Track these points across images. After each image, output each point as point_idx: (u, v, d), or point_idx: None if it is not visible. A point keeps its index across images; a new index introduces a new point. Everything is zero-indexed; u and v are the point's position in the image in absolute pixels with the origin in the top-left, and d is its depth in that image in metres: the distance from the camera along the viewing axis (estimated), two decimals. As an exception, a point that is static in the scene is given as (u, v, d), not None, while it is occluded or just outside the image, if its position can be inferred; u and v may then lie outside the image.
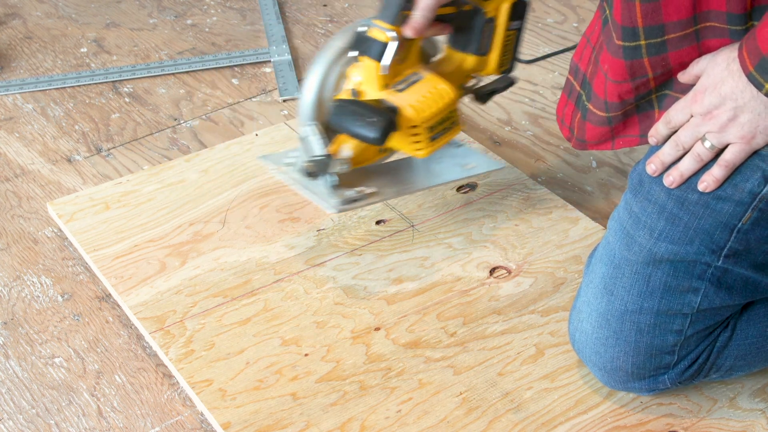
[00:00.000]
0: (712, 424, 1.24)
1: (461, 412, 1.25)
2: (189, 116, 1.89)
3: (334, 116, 1.30)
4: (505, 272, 1.46)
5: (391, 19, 1.29)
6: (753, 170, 1.11)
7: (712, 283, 1.16)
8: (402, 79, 1.34)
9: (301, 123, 1.35)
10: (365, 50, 1.30)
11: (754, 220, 1.13)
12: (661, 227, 1.16)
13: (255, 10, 2.25)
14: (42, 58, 2.08)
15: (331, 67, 1.34)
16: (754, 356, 1.23)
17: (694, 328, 1.18)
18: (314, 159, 1.32)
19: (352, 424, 1.24)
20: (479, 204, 1.59)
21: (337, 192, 1.35)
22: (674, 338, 1.19)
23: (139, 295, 1.43)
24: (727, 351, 1.22)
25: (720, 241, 1.14)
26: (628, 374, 1.22)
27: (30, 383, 1.34)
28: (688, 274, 1.16)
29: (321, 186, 1.35)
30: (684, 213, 1.15)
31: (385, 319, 1.38)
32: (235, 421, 1.24)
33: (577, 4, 2.24)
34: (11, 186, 1.71)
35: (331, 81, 1.35)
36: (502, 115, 1.87)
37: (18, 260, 1.55)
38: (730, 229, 1.14)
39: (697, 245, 1.15)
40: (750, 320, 1.22)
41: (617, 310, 1.20)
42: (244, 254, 1.50)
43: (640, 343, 1.19)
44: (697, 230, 1.14)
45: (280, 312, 1.40)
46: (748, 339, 1.22)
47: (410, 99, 1.32)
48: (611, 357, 1.21)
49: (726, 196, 1.13)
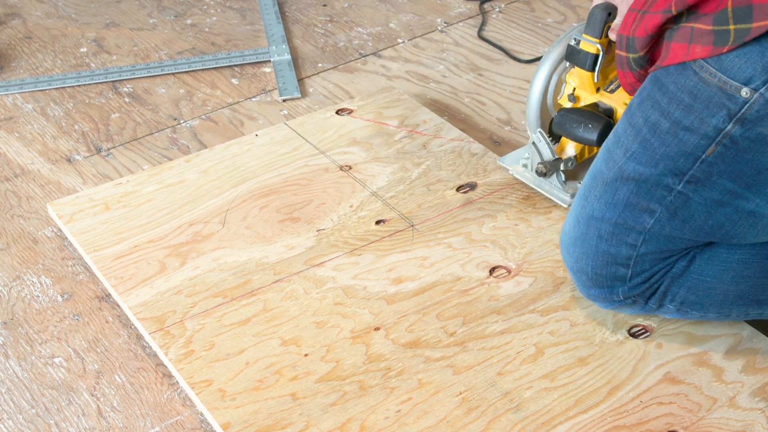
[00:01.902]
0: (712, 423, 1.24)
1: (461, 412, 1.25)
2: (189, 116, 1.89)
3: (558, 124, 1.55)
4: (505, 272, 1.46)
5: (597, 33, 1.48)
6: (719, 107, 1.17)
7: (668, 209, 1.24)
8: (611, 80, 1.55)
9: (530, 129, 1.60)
10: (578, 62, 1.52)
11: (718, 154, 1.20)
12: (634, 149, 1.25)
13: (255, 10, 2.25)
14: (42, 58, 2.08)
15: (550, 77, 1.59)
16: (705, 295, 1.30)
17: (647, 247, 1.27)
18: (544, 162, 1.55)
19: (351, 424, 1.24)
20: (479, 204, 1.59)
21: (567, 186, 1.57)
22: (628, 251, 1.27)
23: (139, 295, 1.43)
24: (681, 280, 1.29)
25: (683, 168, 1.22)
26: (588, 277, 1.31)
27: (30, 383, 1.34)
28: (648, 196, 1.24)
29: (553, 183, 1.58)
30: (655, 139, 1.23)
31: (384, 319, 1.38)
32: (235, 422, 1.24)
33: (577, 4, 2.24)
34: (11, 186, 1.71)
35: (551, 90, 1.60)
36: (502, 115, 1.87)
37: (18, 260, 1.55)
38: (694, 158, 1.21)
39: (662, 168, 1.23)
40: (710, 259, 1.29)
41: (586, 214, 1.29)
42: (244, 254, 1.50)
43: (600, 247, 1.29)
44: (663, 156, 1.23)
45: (279, 312, 1.40)
46: (703, 275, 1.29)
47: (623, 97, 1.52)
48: (576, 257, 1.31)
49: (693, 128, 1.20)
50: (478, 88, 1.95)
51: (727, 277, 1.29)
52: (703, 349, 1.33)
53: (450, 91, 1.95)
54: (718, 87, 1.17)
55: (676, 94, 1.21)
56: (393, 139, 1.74)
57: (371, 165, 1.68)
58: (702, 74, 1.19)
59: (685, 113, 1.21)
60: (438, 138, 1.74)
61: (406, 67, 2.03)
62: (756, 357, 1.32)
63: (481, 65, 2.02)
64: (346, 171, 1.66)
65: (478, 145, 1.72)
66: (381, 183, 1.63)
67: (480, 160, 1.68)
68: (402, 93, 1.87)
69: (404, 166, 1.67)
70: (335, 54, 2.08)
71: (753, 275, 1.29)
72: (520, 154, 1.66)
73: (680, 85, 1.21)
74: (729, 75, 1.16)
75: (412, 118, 1.79)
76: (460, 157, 1.69)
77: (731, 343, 1.34)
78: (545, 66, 1.59)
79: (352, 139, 1.74)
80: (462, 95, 1.93)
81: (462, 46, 2.09)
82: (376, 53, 2.08)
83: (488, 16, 2.21)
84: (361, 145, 1.72)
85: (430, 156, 1.70)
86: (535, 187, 1.60)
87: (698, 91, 1.19)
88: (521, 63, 2.03)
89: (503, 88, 1.95)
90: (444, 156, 1.69)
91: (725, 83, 1.16)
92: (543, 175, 1.56)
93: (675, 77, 1.22)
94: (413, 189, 1.62)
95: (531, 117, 1.59)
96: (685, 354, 1.33)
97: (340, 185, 1.63)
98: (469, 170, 1.66)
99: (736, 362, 1.32)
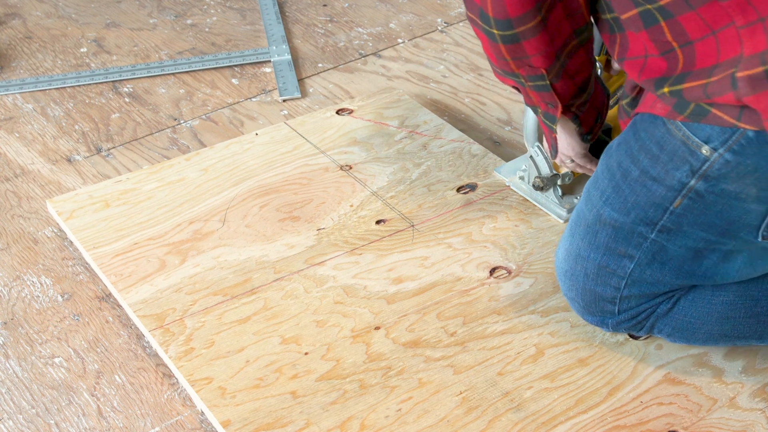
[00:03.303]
0: (712, 424, 1.24)
1: (461, 412, 1.25)
2: (189, 116, 1.89)
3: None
4: (505, 272, 1.46)
5: (596, 50, 1.46)
6: (682, 161, 1.15)
7: (646, 255, 1.23)
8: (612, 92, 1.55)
9: (528, 143, 1.56)
10: None
11: (686, 206, 1.18)
12: (609, 193, 1.24)
13: (255, 10, 2.25)
14: (42, 58, 2.08)
15: None
16: (691, 334, 1.30)
17: (630, 290, 1.27)
18: (541, 177, 1.54)
19: (351, 423, 1.24)
20: (479, 204, 1.59)
21: (564, 201, 1.56)
22: (612, 292, 1.28)
23: (139, 293, 1.43)
24: (666, 320, 1.29)
25: (654, 218, 1.21)
26: (580, 306, 1.32)
27: (30, 383, 1.34)
28: (626, 242, 1.24)
29: (549, 197, 1.57)
30: (626, 186, 1.22)
31: (385, 319, 1.38)
32: (235, 419, 1.24)
33: (577, 5, 2.24)
34: (11, 186, 1.71)
35: None
36: (502, 115, 1.87)
37: (18, 260, 1.55)
38: (663, 209, 1.20)
39: (633, 217, 1.22)
40: (694, 301, 1.28)
41: (574, 251, 1.29)
42: (244, 253, 1.50)
43: (587, 285, 1.29)
44: (634, 204, 1.21)
45: (280, 311, 1.40)
46: (686, 317, 1.28)
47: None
48: (568, 288, 1.32)
49: (659, 179, 1.18)
50: (479, 89, 1.95)
51: (711, 318, 1.28)
52: (703, 350, 1.33)
53: (450, 91, 1.95)
54: (682, 141, 1.14)
55: (645, 142, 1.19)
56: (393, 139, 1.74)
57: (371, 165, 1.68)
58: (669, 126, 1.15)
59: (652, 163, 1.18)
60: (438, 139, 1.74)
61: (407, 67, 2.03)
62: (756, 357, 1.32)
63: (482, 65, 2.02)
64: (346, 171, 1.66)
65: (478, 146, 1.72)
66: (381, 183, 1.63)
67: (480, 161, 1.69)
68: (402, 93, 1.87)
69: (404, 167, 1.67)
70: (335, 54, 2.08)
71: (738, 316, 1.28)
72: (517, 164, 1.65)
73: (650, 133, 1.18)
74: (691, 130, 1.13)
75: (412, 119, 1.79)
76: (461, 157, 1.69)
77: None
78: None
79: (352, 139, 1.74)
80: (462, 95, 1.93)
81: (462, 46, 2.09)
82: (377, 53, 2.08)
83: (488, 17, 2.20)
84: (361, 145, 1.72)
85: (430, 156, 1.70)
86: (532, 201, 1.59)
87: (665, 143, 1.16)
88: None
89: (503, 89, 1.95)
90: (444, 157, 1.69)
91: (688, 138, 1.14)
92: (540, 189, 1.55)
93: (647, 124, 1.19)
94: (413, 189, 1.62)
95: (529, 131, 1.56)
96: (685, 355, 1.33)
97: (341, 185, 1.63)
98: (470, 171, 1.66)
99: (736, 363, 1.32)
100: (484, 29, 1.23)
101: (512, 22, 1.19)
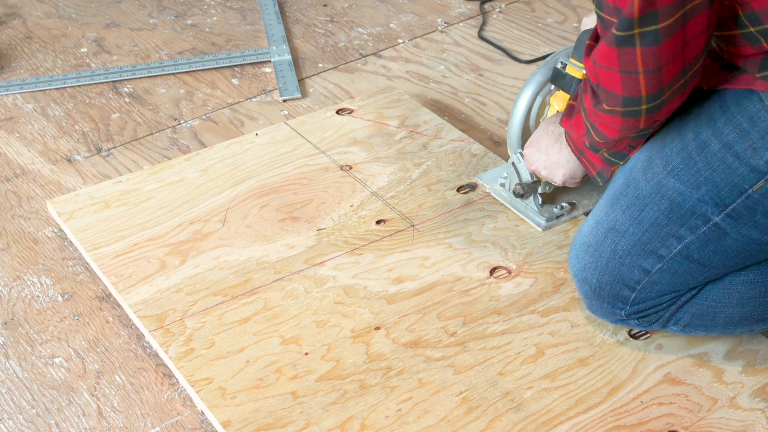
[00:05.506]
0: (712, 424, 1.24)
1: (461, 412, 1.25)
2: (189, 116, 1.89)
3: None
4: (506, 272, 1.46)
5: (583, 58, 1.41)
6: None
7: (700, 240, 1.16)
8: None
9: (510, 150, 1.54)
10: (563, 85, 1.47)
11: (765, 191, 1.10)
12: (676, 163, 1.15)
13: (255, 10, 2.25)
14: (42, 58, 2.08)
15: (534, 99, 1.53)
16: (711, 319, 1.25)
17: (661, 276, 1.19)
18: (522, 183, 1.52)
19: (352, 423, 1.24)
20: (479, 204, 1.59)
21: (543, 210, 1.54)
22: (639, 275, 1.20)
23: (139, 293, 1.43)
24: (686, 307, 1.24)
25: (726, 199, 1.12)
26: (591, 289, 1.24)
27: (30, 383, 1.34)
28: (681, 221, 1.16)
29: (529, 205, 1.55)
30: (700, 159, 1.14)
31: (385, 319, 1.38)
32: (235, 420, 1.24)
33: (577, 4, 2.24)
34: (11, 186, 1.71)
35: (534, 111, 1.53)
36: (503, 115, 1.87)
37: (18, 260, 1.55)
38: (739, 191, 1.12)
39: (703, 193, 1.13)
40: (715, 283, 1.23)
41: (607, 223, 1.21)
42: (244, 253, 1.50)
43: (610, 263, 1.21)
44: (707, 179, 1.13)
45: (280, 311, 1.40)
46: (708, 300, 1.23)
47: None
48: (584, 266, 1.24)
49: (744, 157, 1.10)
50: (479, 89, 1.95)
51: (732, 300, 1.23)
52: (703, 350, 1.33)
53: (450, 91, 1.95)
54: None
55: (735, 116, 1.12)
56: (393, 139, 1.74)
57: (371, 165, 1.68)
58: (766, 102, 1.09)
59: (739, 138, 1.11)
60: (438, 138, 1.74)
61: (407, 68, 2.03)
62: (756, 357, 1.32)
63: (482, 65, 2.02)
64: (346, 171, 1.66)
65: (478, 146, 1.72)
66: (381, 183, 1.63)
67: (480, 161, 1.68)
68: (402, 93, 1.87)
69: (405, 167, 1.67)
70: (335, 54, 2.08)
71: (758, 295, 1.24)
72: (499, 172, 1.63)
73: (743, 107, 1.11)
74: None
75: (412, 119, 1.79)
76: (461, 157, 1.69)
77: (731, 344, 1.34)
78: (530, 87, 1.53)
79: (352, 139, 1.74)
80: (462, 95, 1.93)
81: (462, 47, 2.09)
82: (377, 53, 2.08)
83: (488, 17, 2.21)
84: (361, 145, 1.72)
85: (430, 156, 1.70)
86: (512, 208, 1.57)
87: (759, 119, 1.10)
88: (521, 63, 2.03)
89: (503, 89, 1.95)
90: (444, 156, 1.70)
91: None
92: (520, 196, 1.52)
93: (740, 98, 1.12)
94: (414, 189, 1.62)
95: (512, 137, 1.54)
96: (686, 355, 1.33)
97: (341, 185, 1.63)
98: (470, 171, 1.66)
99: (736, 363, 1.32)
100: (626, 112, 1.13)
101: (664, 90, 1.10)
